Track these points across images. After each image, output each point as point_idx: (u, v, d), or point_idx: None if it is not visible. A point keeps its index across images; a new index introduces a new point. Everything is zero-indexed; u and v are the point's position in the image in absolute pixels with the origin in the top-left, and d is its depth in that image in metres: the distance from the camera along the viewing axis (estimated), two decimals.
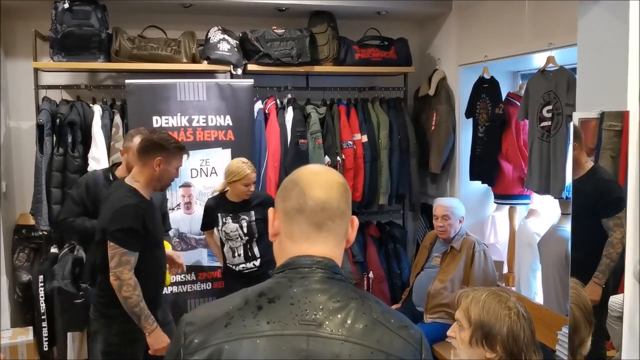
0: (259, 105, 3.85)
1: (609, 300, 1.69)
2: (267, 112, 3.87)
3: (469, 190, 3.99)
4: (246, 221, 3.14)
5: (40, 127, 3.36)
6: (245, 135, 3.64)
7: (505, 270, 3.82)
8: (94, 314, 2.49)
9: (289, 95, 3.94)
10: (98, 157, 3.41)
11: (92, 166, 3.36)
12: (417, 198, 4.24)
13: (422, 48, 4.46)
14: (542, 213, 3.50)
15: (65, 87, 3.66)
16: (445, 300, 3.27)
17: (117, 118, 3.56)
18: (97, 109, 3.52)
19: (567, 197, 2.99)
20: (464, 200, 3.68)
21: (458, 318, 1.63)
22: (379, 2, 3.88)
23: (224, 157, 3.57)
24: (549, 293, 3.12)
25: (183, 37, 3.70)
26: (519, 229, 3.61)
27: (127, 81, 3.43)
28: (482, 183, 3.81)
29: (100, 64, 3.54)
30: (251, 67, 3.79)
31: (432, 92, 4.07)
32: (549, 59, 3.07)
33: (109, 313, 2.41)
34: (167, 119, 3.48)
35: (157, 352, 2.37)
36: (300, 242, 1.06)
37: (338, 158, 3.92)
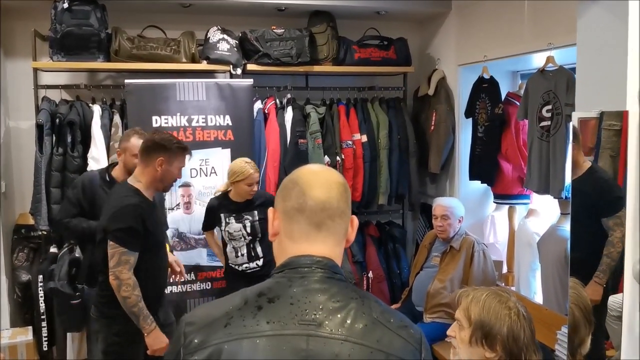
0: (258, 105, 3.84)
1: (609, 299, 1.69)
2: (266, 112, 3.87)
3: (469, 190, 3.99)
4: (249, 221, 3.14)
5: (39, 127, 3.36)
6: (244, 135, 3.64)
7: (504, 270, 3.82)
8: (94, 314, 2.49)
9: (289, 95, 3.94)
10: (97, 157, 3.41)
11: (92, 166, 3.36)
12: (416, 198, 4.24)
13: (422, 48, 4.46)
14: (542, 213, 3.50)
15: (64, 87, 3.66)
16: (444, 300, 3.27)
17: (117, 118, 3.57)
18: (96, 109, 3.52)
19: (566, 197, 2.99)
20: (463, 200, 3.69)
21: (458, 317, 1.63)
22: (378, 2, 3.87)
23: (223, 157, 3.57)
24: (549, 293, 3.12)
25: (182, 37, 3.70)
26: (518, 228, 3.62)
27: (126, 81, 3.43)
28: (482, 183, 3.81)
29: (99, 64, 3.53)
30: (251, 67, 3.79)
31: (431, 92, 4.07)
32: (549, 59, 3.08)
33: (109, 313, 2.41)
34: (167, 118, 3.48)
35: (156, 352, 2.37)
36: (300, 241, 1.06)
37: (337, 158, 3.92)
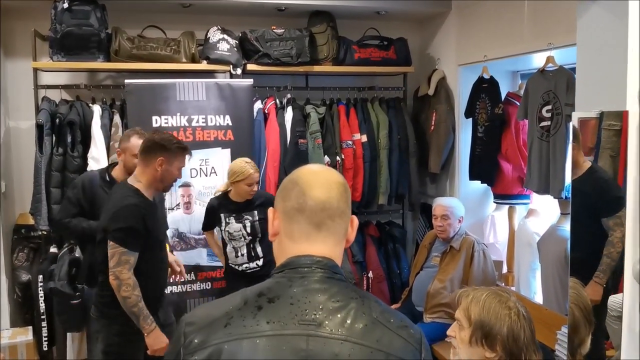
0: (258, 105, 3.84)
1: (609, 299, 1.69)
2: (266, 111, 3.87)
3: (469, 190, 3.99)
4: (249, 221, 3.14)
5: (39, 127, 3.36)
6: (244, 135, 3.64)
7: (504, 269, 3.82)
8: (94, 314, 2.50)
9: (289, 95, 3.94)
10: (97, 157, 3.41)
11: (92, 166, 3.36)
12: (416, 198, 4.24)
13: (422, 48, 4.46)
14: (542, 213, 3.50)
15: (64, 87, 3.66)
16: (444, 300, 3.27)
17: (117, 118, 3.56)
18: (96, 109, 3.52)
19: (566, 197, 2.99)
20: (463, 200, 3.68)
21: (458, 317, 1.63)
22: (378, 2, 3.87)
23: (223, 157, 3.57)
24: (549, 293, 3.12)
25: (182, 37, 3.70)
26: (518, 228, 3.61)
27: (126, 81, 3.43)
28: (482, 183, 3.81)
29: (99, 64, 3.53)
30: (250, 67, 3.79)
31: (431, 92, 4.06)
32: (549, 59, 3.08)
33: (109, 313, 2.41)
34: (167, 118, 3.48)
35: (156, 352, 2.36)
36: (300, 241, 1.06)
37: (337, 158, 3.92)
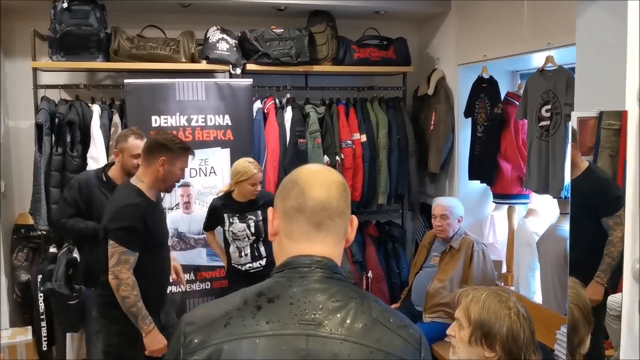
0: (257, 104, 3.84)
1: (608, 299, 1.69)
2: (266, 111, 3.87)
3: (468, 190, 3.99)
4: (253, 221, 3.15)
5: (39, 127, 3.36)
6: (244, 135, 3.64)
7: (504, 269, 3.82)
8: (96, 314, 2.50)
9: (288, 95, 3.94)
10: (97, 157, 3.41)
11: (91, 166, 3.36)
12: (416, 197, 4.24)
13: (421, 48, 4.46)
14: (541, 212, 3.50)
15: (64, 87, 3.66)
16: (444, 300, 3.27)
17: (116, 118, 3.56)
18: (96, 109, 3.52)
19: (565, 197, 2.99)
20: (462, 200, 3.68)
21: (458, 317, 1.63)
22: (377, 2, 3.87)
23: (223, 157, 3.57)
24: (548, 292, 3.12)
25: (182, 37, 3.70)
26: (517, 228, 3.61)
27: (126, 81, 3.43)
28: (481, 182, 3.81)
29: (99, 64, 3.53)
30: (250, 66, 3.79)
31: (431, 91, 4.06)
32: (548, 59, 3.08)
33: (110, 314, 2.41)
34: (166, 118, 3.48)
35: (154, 353, 2.36)
36: (300, 241, 1.06)
37: (337, 157, 3.92)
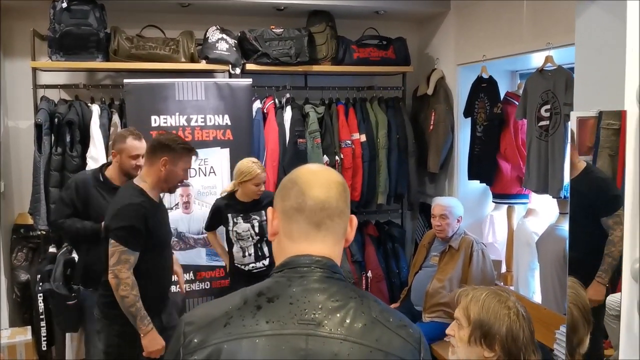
0: (257, 104, 3.84)
1: (607, 299, 1.69)
2: (265, 111, 3.87)
3: (467, 190, 3.99)
4: (257, 221, 3.16)
5: (38, 127, 3.36)
6: (243, 135, 3.64)
7: (503, 269, 3.82)
8: (97, 314, 2.50)
9: (288, 95, 3.94)
10: (96, 157, 3.41)
11: (91, 165, 3.36)
12: (415, 197, 4.24)
13: (421, 47, 4.46)
14: (541, 212, 3.50)
15: (63, 87, 3.65)
16: (443, 300, 3.27)
17: (116, 117, 3.57)
18: (95, 109, 3.52)
19: (565, 197, 2.99)
20: (462, 200, 3.69)
21: (457, 317, 1.63)
22: (377, 2, 3.87)
23: (222, 157, 3.57)
24: (547, 292, 3.13)
25: (181, 37, 3.70)
26: (517, 228, 3.62)
27: (125, 81, 3.43)
28: (481, 182, 3.81)
29: (98, 64, 3.53)
30: (250, 66, 3.79)
31: (430, 91, 4.06)
32: (547, 59, 3.08)
33: (110, 314, 2.40)
34: (166, 118, 3.48)
35: (151, 354, 2.35)
36: (299, 241, 1.06)
37: (336, 157, 3.92)
